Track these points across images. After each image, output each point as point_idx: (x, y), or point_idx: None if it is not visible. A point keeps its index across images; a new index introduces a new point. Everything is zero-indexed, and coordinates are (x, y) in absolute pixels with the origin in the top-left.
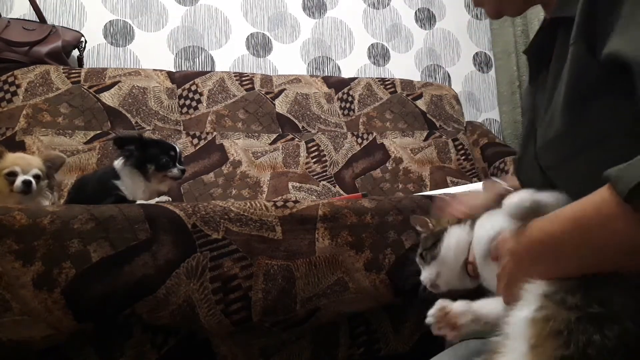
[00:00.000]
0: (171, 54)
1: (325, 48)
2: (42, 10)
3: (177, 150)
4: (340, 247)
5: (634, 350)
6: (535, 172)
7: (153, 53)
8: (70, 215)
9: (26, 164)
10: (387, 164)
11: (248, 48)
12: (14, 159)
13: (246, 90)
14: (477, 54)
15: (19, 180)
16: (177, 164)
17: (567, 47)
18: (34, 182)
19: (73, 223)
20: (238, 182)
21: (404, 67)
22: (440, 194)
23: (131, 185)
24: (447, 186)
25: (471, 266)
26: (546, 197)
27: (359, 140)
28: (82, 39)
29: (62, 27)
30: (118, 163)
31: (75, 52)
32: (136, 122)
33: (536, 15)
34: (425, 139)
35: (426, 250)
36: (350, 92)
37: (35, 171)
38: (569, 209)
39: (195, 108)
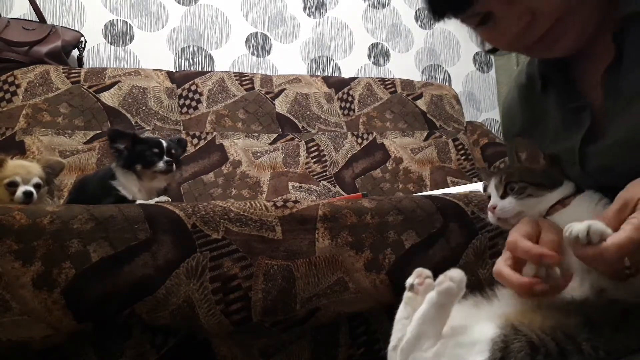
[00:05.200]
0: (171, 54)
1: (325, 48)
2: (41, 10)
3: (164, 144)
4: (340, 247)
5: None
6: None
7: (153, 53)
8: (70, 216)
9: (26, 173)
10: (387, 164)
11: (248, 48)
12: (14, 168)
13: (246, 90)
14: (477, 53)
15: (19, 192)
16: (165, 158)
17: None
18: (34, 192)
19: (73, 223)
20: (238, 182)
21: (404, 67)
22: (440, 194)
23: (127, 185)
24: (447, 186)
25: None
26: None
27: (359, 140)
28: (82, 38)
29: (61, 27)
30: (114, 164)
31: (75, 52)
32: (136, 122)
33: None
34: (426, 139)
35: (524, 184)
36: (350, 92)
37: (36, 180)
38: None
39: (195, 108)
